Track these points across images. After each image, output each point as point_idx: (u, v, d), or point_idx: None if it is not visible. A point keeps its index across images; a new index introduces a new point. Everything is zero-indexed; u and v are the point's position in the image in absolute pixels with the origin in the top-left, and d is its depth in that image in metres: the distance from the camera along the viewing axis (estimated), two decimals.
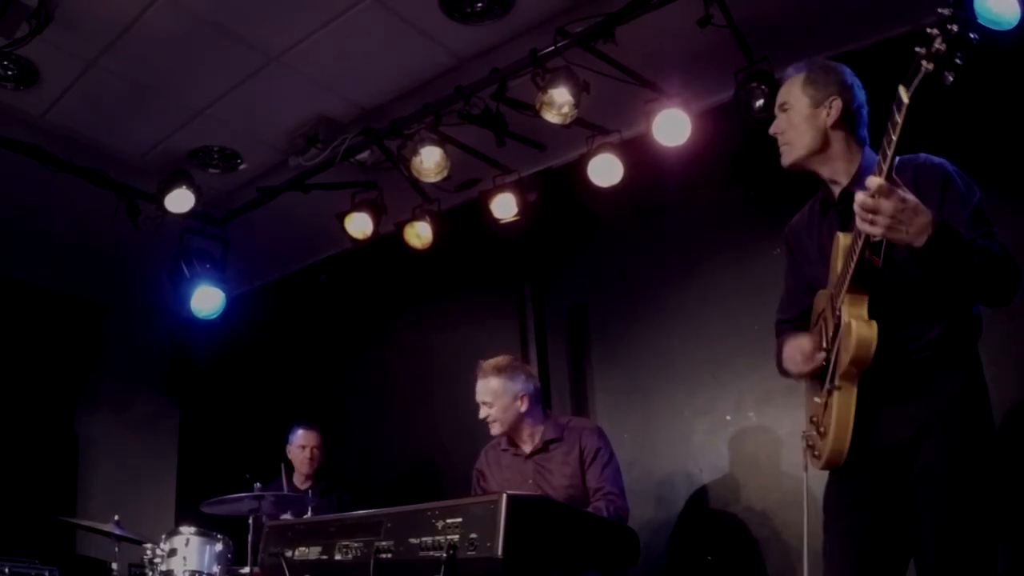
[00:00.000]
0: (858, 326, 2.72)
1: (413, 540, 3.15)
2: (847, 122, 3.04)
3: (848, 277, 2.74)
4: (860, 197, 2.57)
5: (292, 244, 7.28)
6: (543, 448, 4.52)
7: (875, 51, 4.81)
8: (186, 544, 4.88)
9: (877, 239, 2.64)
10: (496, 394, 4.51)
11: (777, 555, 4.77)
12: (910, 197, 2.58)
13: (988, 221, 2.80)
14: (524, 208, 5.73)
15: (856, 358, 2.72)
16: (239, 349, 7.71)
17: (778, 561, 4.76)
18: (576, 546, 3.39)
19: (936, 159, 2.95)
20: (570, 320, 5.94)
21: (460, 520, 3.04)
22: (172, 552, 4.86)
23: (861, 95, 3.09)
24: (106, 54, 4.99)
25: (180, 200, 5.67)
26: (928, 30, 2.36)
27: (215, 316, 6.32)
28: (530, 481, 4.49)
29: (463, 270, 6.55)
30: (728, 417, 5.11)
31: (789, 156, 3.11)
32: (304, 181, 5.94)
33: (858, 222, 2.61)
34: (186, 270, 6.16)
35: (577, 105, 4.85)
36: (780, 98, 3.16)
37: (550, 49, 4.76)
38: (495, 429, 4.57)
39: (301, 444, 6.12)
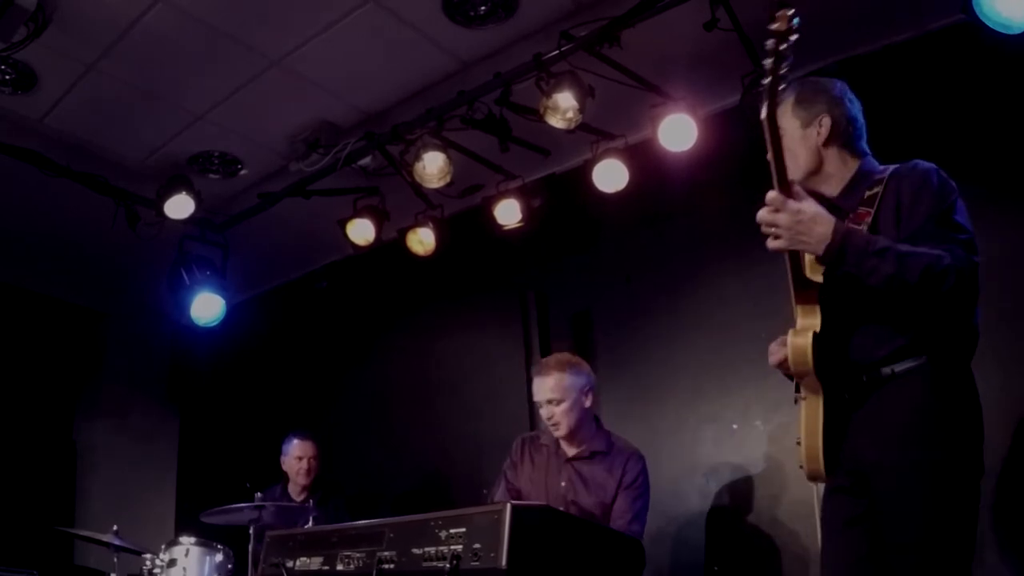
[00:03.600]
0: (792, 335, 2.79)
1: (416, 550, 3.13)
2: (839, 137, 3.04)
3: (792, 288, 2.83)
4: (760, 213, 2.73)
5: (293, 251, 7.25)
6: (588, 456, 4.35)
7: (883, 55, 4.80)
8: (186, 554, 4.86)
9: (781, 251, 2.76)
10: (565, 389, 4.27)
11: (784, 566, 4.72)
12: (807, 207, 2.71)
13: (958, 227, 2.77)
14: (528, 214, 5.69)
15: (793, 367, 2.78)
16: (239, 357, 7.68)
17: (785, 572, 4.70)
18: (581, 557, 3.38)
19: (924, 165, 2.93)
20: (575, 327, 5.90)
21: (463, 530, 3.02)
22: (172, 562, 4.85)
23: (853, 108, 3.09)
24: (105, 58, 4.96)
25: (180, 206, 5.64)
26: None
27: (215, 323, 6.28)
28: (563, 484, 4.32)
29: (466, 277, 6.51)
30: (735, 426, 5.07)
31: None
32: (305, 187, 5.91)
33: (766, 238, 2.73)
34: (186, 277, 6.14)
35: (582, 110, 4.80)
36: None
37: (554, 53, 4.72)
38: (560, 431, 4.32)
39: (298, 455, 6.01)
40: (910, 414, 2.71)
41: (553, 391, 4.28)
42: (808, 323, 2.80)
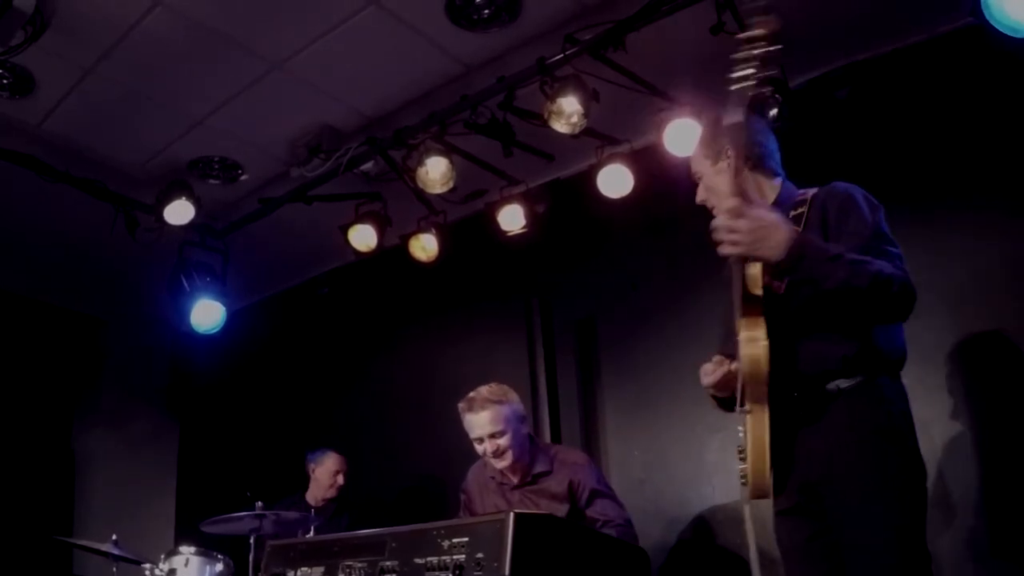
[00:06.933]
0: (744, 345, 2.79)
1: (418, 560, 3.11)
2: (748, 162, 3.08)
3: (738, 301, 2.85)
4: (718, 220, 2.75)
5: (294, 257, 7.20)
6: (532, 481, 4.36)
7: (891, 59, 4.77)
8: (186, 564, 4.84)
9: (739, 258, 2.80)
10: (507, 420, 4.29)
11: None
12: (767, 215, 2.73)
13: (891, 241, 2.86)
14: (532, 220, 5.65)
15: (747, 377, 2.79)
16: (240, 364, 7.65)
17: None
18: (585, 566, 3.34)
19: (844, 185, 3.02)
20: (579, 334, 5.86)
21: (466, 539, 3.01)
22: (171, 572, 4.84)
23: (755, 133, 3.16)
24: (104, 61, 4.92)
25: (179, 212, 5.62)
26: None
27: (215, 331, 6.26)
28: None
29: (469, 283, 6.47)
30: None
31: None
32: (306, 192, 5.88)
33: (721, 245, 2.75)
34: (186, 283, 6.13)
35: (586, 114, 4.77)
36: (692, 170, 3.25)
37: (559, 57, 4.70)
38: (506, 461, 4.30)
39: (336, 469, 6.04)
40: (859, 427, 2.76)
41: (494, 423, 4.28)
42: (753, 335, 2.79)
